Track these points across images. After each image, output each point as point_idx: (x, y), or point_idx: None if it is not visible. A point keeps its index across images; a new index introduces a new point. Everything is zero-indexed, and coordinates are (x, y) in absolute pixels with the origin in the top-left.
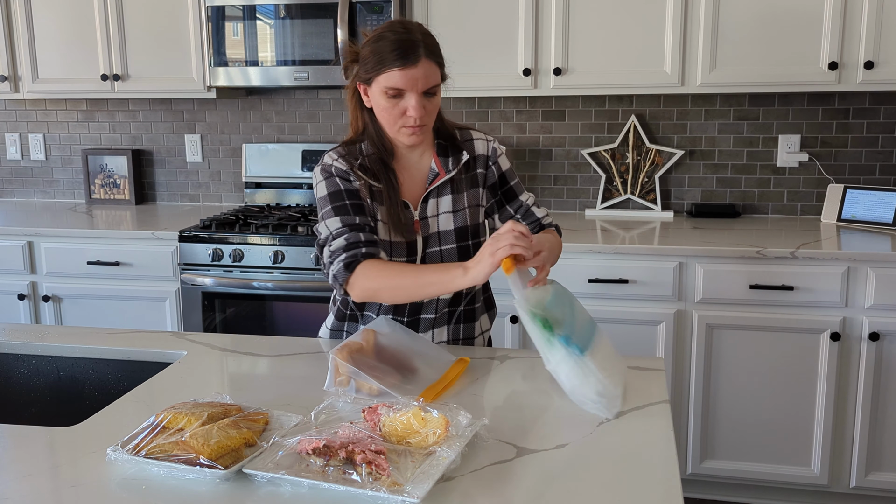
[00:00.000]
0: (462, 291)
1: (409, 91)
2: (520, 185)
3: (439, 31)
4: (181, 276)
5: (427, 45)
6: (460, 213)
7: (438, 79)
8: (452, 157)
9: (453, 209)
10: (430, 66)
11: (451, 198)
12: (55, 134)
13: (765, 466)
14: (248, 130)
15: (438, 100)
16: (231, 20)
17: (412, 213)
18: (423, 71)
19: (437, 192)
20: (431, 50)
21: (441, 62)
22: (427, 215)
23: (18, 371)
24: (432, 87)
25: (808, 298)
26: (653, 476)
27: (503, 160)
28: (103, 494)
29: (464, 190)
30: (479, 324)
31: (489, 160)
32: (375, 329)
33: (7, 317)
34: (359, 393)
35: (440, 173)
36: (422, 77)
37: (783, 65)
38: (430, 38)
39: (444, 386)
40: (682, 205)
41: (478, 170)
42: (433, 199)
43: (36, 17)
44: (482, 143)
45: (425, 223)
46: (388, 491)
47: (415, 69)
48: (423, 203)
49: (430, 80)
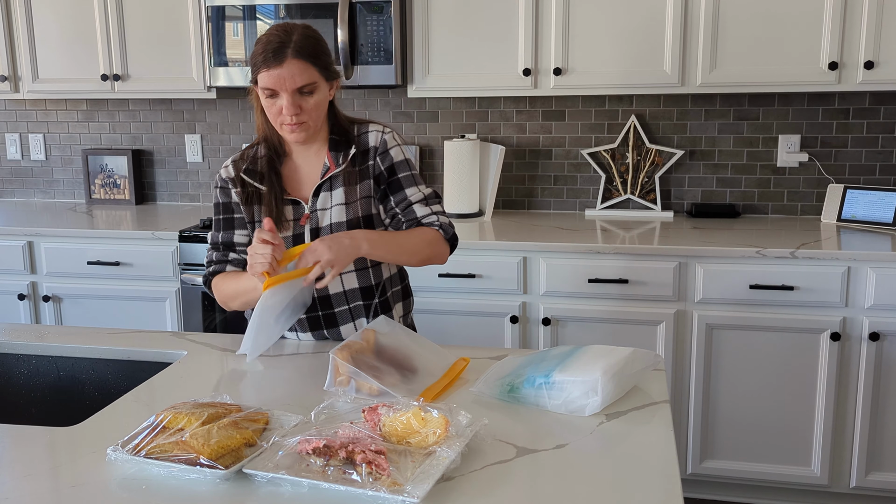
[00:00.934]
0: (372, 286)
1: (281, 90)
2: (411, 178)
3: (439, 31)
4: (181, 276)
5: (300, 45)
6: (352, 206)
7: (312, 78)
8: (343, 151)
9: (346, 201)
10: (298, 65)
11: (343, 190)
12: (55, 134)
13: (765, 466)
14: (248, 130)
15: (319, 98)
16: (231, 20)
17: (303, 207)
18: (290, 70)
19: (330, 185)
20: (303, 50)
21: (319, 62)
22: (317, 208)
23: (18, 371)
24: (304, 86)
25: (808, 298)
26: (653, 476)
27: (395, 151)
28: (103, 494)
29: (356, 182)
30: (395, 312)
31: (377, 151)
32: (375, 329)
33: (7, 317)
34: (359, 393)
35: (331, 167)
36: (289, 77)
37: (783, 65)
38: (306, 39)
39: (444, 386)
40: (682, 205)
41: (369, 162)
42: (325, 193)
43: (36, 17)
44: (375, 136)
45: (315, 216)
46: (389, 491)
47: (280, 69)
48: (313, 196)
49: (298, 79)
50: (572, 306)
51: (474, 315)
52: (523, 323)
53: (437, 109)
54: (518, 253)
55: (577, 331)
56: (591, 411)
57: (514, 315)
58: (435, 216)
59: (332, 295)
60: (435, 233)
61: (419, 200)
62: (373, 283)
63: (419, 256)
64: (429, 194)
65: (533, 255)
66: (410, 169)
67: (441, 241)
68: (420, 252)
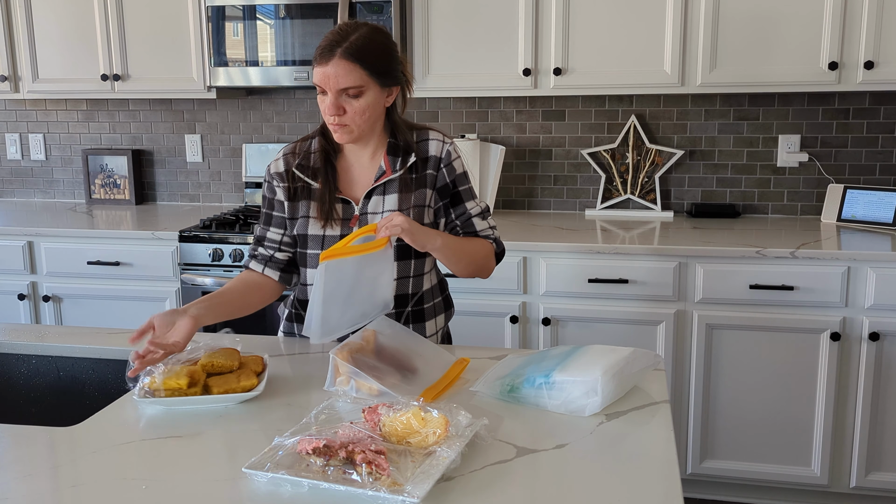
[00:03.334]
0: (408, 294)
1: (327, 89)
2: (469, 192)
3: (439, 31)
4: (181, 276)
5: (354, 46)
6: (405, 213)
7: (359, 81)
8: (402, 157)
9: (399, 208)
10: (345, 66)
11: (396, 196)
12: (55, 134)
13: (765, 466)
14: (248, 130)
15: (366, 103)
16: (231, 20)
17: (353, 207)
18: (335, 70)
19: (384, 189)
20: (354, 52)
21: (371, 65)
22: (368, 211)
23: (18, 371)
24: (349, 87)
25: (808, 298)
26: (653, 476)
27: (457, 164)
28: (103, 494)
29: (412, 190)
30: (434, 323)
31: (441, 162)
32: (375, 329)
33: (7, 317)
34: (359, 393)
35: (387, 171)
36: (332, 76)
37: (783, 65)
38: (363, 41)
39: (445, 386)
40: (682, 205)
41: (428, 171)
42: (378, 196)
43: (36, 17)
44: (436, 145)
45: (365, 218)
46: (388, 491)
47: (326, 67)
48: (365, 199)
49: (342, 80)
50: (572, 306)
51: (474, 315)
52: (523, 323)
53: (437, 109)
54: (518, 253)
55: (577, 331)
56: (591, 411)
57: (514, 315)
58: (491, 230)
59: None
60: (491, 247)
61: (478, 214)
62: (409, 293)
63: (475, 266)
64: (484, 208)
65: (533, 255)
66: (468, 182)
67: (492, 256)
68: (477, 262)
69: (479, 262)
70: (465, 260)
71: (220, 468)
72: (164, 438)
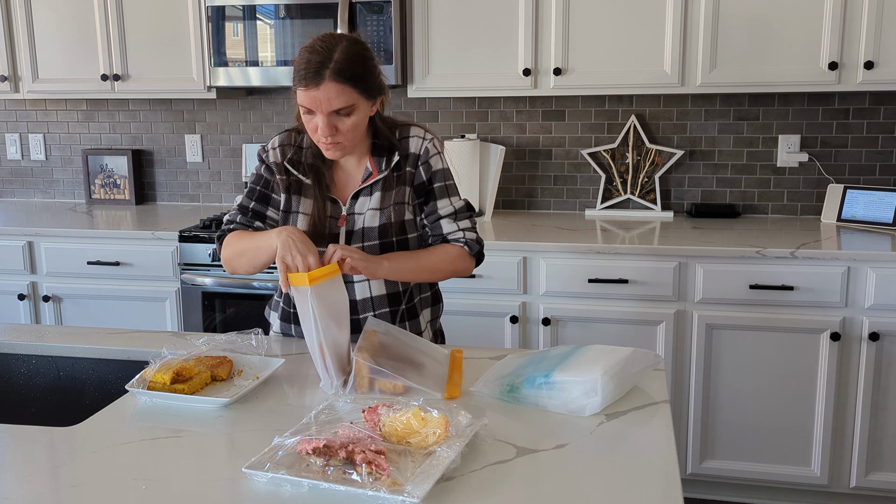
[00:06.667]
0: (399, 292)
1: (317, 111)
2: (444, 189)
3: (439, 31)
4: (181, 276)
5: (340, 66)
6: (385, 211)
7: (350, 101)
8: (387, 157)
9: (380, 206)
10: (336, 87)
11: (379, 195)
12: (55, 134)
13: (765, 466)
14: (248, 130)
15: (358, 119)
16: (231, 20)
17: (340, 207)
18: (327, 94)
19: (370, 189)
20: (343, 72)
21: (360, 83)
22: (354, 211)
23: (18, 371)
24: (341, 108)
25: (808, 298)
26: (653, 476)
27: (435, 160)
28: (103, 494)
29: (392, 188)
30: (422, 317)
31: (419, 160)
32: (374, 329)
33: (7, 317)
34: (382, 393)
35: (373, 172)
36: (325, 100)
37: (783, 65)
38: (348, 60)
39: (458, 380)
40: (682, 205)
41: (408, 168)
42: (364, 197)
43: (36, 17)
44: (416, 142)
45: (352, 219)
46: (389, 491)
47: (317, 91)
48: (352, 199)
49: (335, 102)
50: (572, 306)
51: (474, 315)
52: (523, 323)
53: (437, 109)
54: (518, 253)
55: (577, 331)
56: (591, 411)
57: (514, 315)
58: (461, 233)
59: (359, 301)
60: (459, 249)
61: (448, 215)
62: (400, 290)
63: (441, 274)
64: (459, 208)
65: (533, 255)
66: (445, 179)
67: (465, 257)
68: (442, 270)
69: (445, 269)
70: (425, 274)
71: (220, 468)
72: (164, 438)
